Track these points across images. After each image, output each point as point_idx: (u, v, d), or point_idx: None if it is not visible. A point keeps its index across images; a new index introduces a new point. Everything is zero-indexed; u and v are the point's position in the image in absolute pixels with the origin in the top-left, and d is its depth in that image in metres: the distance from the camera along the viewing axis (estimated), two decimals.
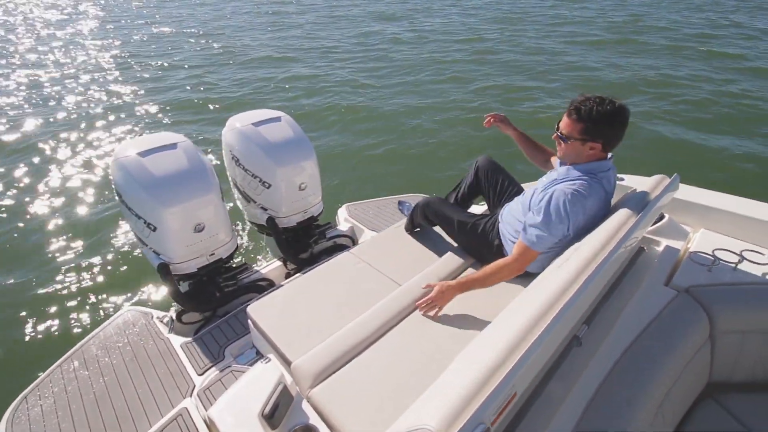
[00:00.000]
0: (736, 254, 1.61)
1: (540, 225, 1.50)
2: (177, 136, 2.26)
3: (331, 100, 6.96)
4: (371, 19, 12.67)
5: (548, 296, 1.04)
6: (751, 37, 9.91)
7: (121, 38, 11.39)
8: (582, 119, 1.45)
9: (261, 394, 1.15)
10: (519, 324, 0.94)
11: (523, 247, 1.54)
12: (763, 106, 6.31)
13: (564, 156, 1.58)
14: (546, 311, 0.98)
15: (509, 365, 0.84)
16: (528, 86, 7.39)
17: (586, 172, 1.52)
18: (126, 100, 7.16)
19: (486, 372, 0.83)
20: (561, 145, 1.56)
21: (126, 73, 8.55)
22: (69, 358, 1.92)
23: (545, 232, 1.50)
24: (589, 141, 1.47)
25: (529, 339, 0.90)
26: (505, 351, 0.87)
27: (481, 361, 0.86)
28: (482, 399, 0.77)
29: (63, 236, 3.84)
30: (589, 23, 11.41)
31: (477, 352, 0.95)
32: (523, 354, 0.85)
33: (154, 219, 2.01)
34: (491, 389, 0.78)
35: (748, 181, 4.51)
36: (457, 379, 0.84)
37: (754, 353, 1.42)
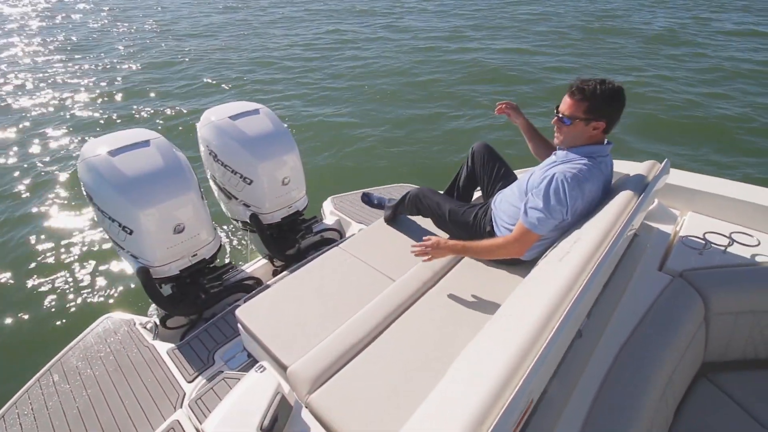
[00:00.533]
0: (726, 237, 1.62)
1: (541, 208, 1.45)
2: (149, 132, 2.14)
3: (309, 91, 6.79)
4: (351, 11, 12.34)
5: (555, 294, 1.01)
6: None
7: (81, 31, 10.82)
8: (586, 98, 1.41)
9: (258, 405, 1.09)
10: (529, 326, 0.90)
11: (524, 230, 1.49)
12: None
13: (563, 140, 1.53)
14: (555, 310, 0.95)
15: (524, 371, 0.80)
16: (516, 76, 7.36)
17: (586, 154, 1.48)
18: (90, 96, 6.82)
19: (502, 380, 0.79)
20: (562, 128, 1.51)
21: (88, 67, 8.13)
22: (47, 371, 1.82)
23: (546, 215, 1.45)
24: (593, 120, 1.44)
25: (540, 342, 0.86)
26: (518, 356, 0.83)
27: (495, 367, 0.82)
28: (501, 410, 0.74)
29: (33, 243, 3.64)
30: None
31: (487, 357, 0.91)
32: (538, 358, 0.81)
33: (130, 222, 1.90)
34: (509, 399, 0.75)
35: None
36: (473, 388, 0.80)
37: (746, 333, 1.44)
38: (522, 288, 1.28)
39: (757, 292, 1.41)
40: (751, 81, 6.59)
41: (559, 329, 0.88)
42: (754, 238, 1.62)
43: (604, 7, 11.87)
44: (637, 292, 1.42)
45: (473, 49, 8.39)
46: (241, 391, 1.17)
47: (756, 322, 1.43)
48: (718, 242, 1.60)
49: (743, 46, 8.30)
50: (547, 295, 1.01)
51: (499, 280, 1.70)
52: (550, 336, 0.87)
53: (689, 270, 1.48)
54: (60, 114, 6.13)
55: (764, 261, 1.50)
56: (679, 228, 1.76)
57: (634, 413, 1.05)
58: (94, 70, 7.89)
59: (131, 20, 11.82)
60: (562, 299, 0.99)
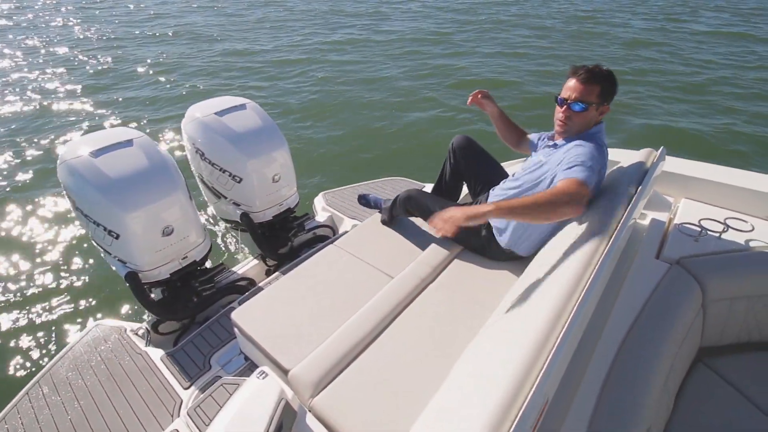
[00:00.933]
0: (721, 223, 1.64)
1: (581, 163, 1.30)
2: (131, 131, 2.06)
3: (295, 85, 6.66)
4: (337, 12, 12.12)
5: (563, 289, 1.00)
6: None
7: (56, 29, 10.39)
8: (598, 81, 1.38)
9: (261, 412, 1.06)
10: (541, 323, 0.89)
11: (578, 182, 1.23)
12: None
13: (572, 129, 1.46)
14: (564, 306, 0.94)
15: (537, 370, 0.79)
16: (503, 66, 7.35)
17: (591, 138, 1.44)
18: (68, 96, 6.55)
19: (517, 380, 0.77)
20: (571, 116, 1.44)
21: (63, 66, 7.81)
22: (36, 383, 1.75)
23: (589, 171, 1.28)
24: (602, 104, 1.42)
25: (552, 339, 0.85)
26: (531, 355, 0.82)
27: (510, 367, 0.81)
28: (518, 412, 0.72)
29: (14, 252, 3.49)
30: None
31: (498, 357, 0.89)
32: (552, 356, 0.80)
33: (116, 225, 1.83)
34: (526, 399, 0.74)
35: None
36: (488, 389, 0.79)
37: (741, 318, 1.47)
38: (523, 283, 1.26)
39: (752, 277, 1.43)
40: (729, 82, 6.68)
41: (571, 324, 0.87)
42: (748, 224, 1.64)
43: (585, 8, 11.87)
44: (636, 281, 1.42)
45: (460, 52, 8.33)
46: (243, 398, 1.13)
47: (750, 306, 1.45)
48: (714, 228, 1.61)
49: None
50: (555, 292, 1.00)
51: (496, 275, 1.69)
52: (562, 333, 0.86)
53: (686, 257, 1.50)
54: (36, 116, 5.88)
55: (759, 246, 1.52)
56: (673, 215, 1.78)
57: (640, 401, 1.06)
58: (69, 70, 7.59)
59: (106, 17, 11.42)
60: (570, 295, 0.98)
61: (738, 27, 9.38)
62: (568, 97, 1.43)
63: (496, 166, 2.00)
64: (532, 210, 1.16)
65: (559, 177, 1.29)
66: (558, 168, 1.37)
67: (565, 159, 1.37)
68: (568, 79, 1.46)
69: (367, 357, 1.37)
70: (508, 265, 1.71)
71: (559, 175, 1.30)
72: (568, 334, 0.84)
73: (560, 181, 1.27)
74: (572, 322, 0.87)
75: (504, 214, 1.16)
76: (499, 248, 1.68)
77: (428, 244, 1.90)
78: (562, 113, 1.47)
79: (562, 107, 1.47)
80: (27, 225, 3.78)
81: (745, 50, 7.85)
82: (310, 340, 1.46)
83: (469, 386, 0.88)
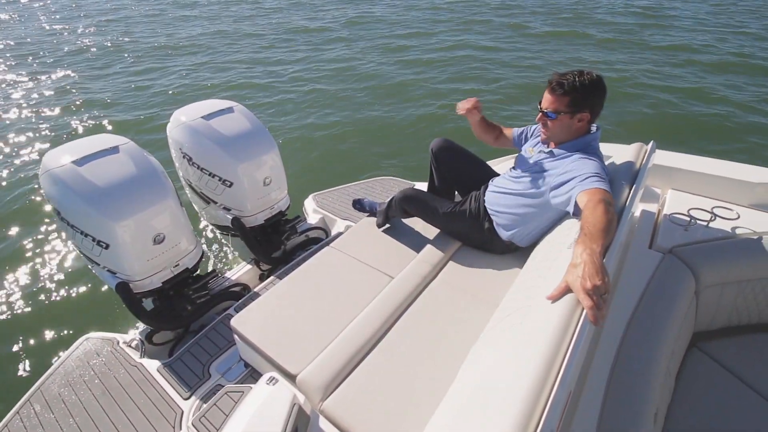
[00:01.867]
0: (708, 212, 1.70)
1: (597, 175, 1.33)
2: (116, 137, 1.99)
3: (280, 86, 6.58)
4: (320, 7, 12.00)
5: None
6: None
7: (31, 32, 9.99)
8: (567, 92, 1.43)
9: (275, 418, 1.05)
10: (557, 318, 0.90)
11: (604, 191, 1.25)
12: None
13: (551, 135, 1.54)
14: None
15: (558, 364, 0.80)
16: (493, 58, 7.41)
17: (579, 149, 1.49)
18: (46, 104, 6.29)
19: (540, 375, 0.78)
20: (547, 124, 1.52)
21: (40, 73, 7.51)
22: (27, 401, 1.68)
23: (605, 180, 1.32)
24: (577, 113, 1.46)
25: (568, 333, 0.86)
26: (551, 350, 0.83)
27: (532, 363, 0.82)
28: (544, 406, 0.73)
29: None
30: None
31: (515, 353, 0.90)
32: (572, 348, 0.81)
33: (105, 235, 1.78)
34: (551, 392, 0.75)
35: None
36: (514, 385, 0.79)
37: (731, 302, 1.53)
38: (527, 278, 1.28)
39: (741, 263, 1.49)
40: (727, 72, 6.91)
41: (586, 317, 0.89)
42: (734, 212, 1.71)
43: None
44: (632, 271, 1.46)
45: (450, 44, 8.37)
46: (254, 405, 1.12)
47: (740, 291, 1.51)
48: (702, 218, 1.67)
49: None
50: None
51: (497, 269, 1.71)
52: (579, 325, 0.87)
53: (678, 246, 1.55)
54: (13, 125, 5.65)
55: (745, 233, 1.58)
56: (662, 206, 1.83)
57: (647, 386, 1.09)
58: (45, 76, 7.32)
59: (86, 20, 11.05)
60: None
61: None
62: (543, 107, 1.51)
63: (480, 164, 2.03)
64: (612, 227, 1.11)
65: (580, 188, 1.31)
66: (565, 177, 1.41)
67: (572, 170, 1.41)
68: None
69: (374, 358, 1.37)
70: (507, 258, 1.73)
71: (578, 186, 1.32)
72: (585, 325, 0.86)
73: (586, 192, 1.27)
74: (585, 319, 0.89)
75: (604, 242, 1.05)
76: (501, 241, 1.70)
77: (425, 242, 1.91)
78: (539, 120, 1.56)
79: (539, 114, 1.54)
80: (7, 238, 3.63)
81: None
82: (315, 344, 1.45)
83: (486, 384, 0.89)
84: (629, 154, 1.61)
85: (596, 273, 0.91)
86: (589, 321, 0.87)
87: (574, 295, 0.94)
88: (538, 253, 1.43)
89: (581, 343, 0.83)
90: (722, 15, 9.51)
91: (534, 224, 1.60)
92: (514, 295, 1.25)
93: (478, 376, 0.97)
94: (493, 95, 6.02)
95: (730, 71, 6.49)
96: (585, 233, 1.06)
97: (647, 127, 5.09)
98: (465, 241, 1.85)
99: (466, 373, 1.09)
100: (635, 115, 5.33)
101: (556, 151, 1.55)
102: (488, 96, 5.96)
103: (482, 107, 1.87)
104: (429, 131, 5.05)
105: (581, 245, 1.01)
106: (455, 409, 0.90)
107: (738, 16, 9.39)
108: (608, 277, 0.92)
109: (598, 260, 0.95)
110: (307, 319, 1.57)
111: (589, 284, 0.89)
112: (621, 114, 5.36)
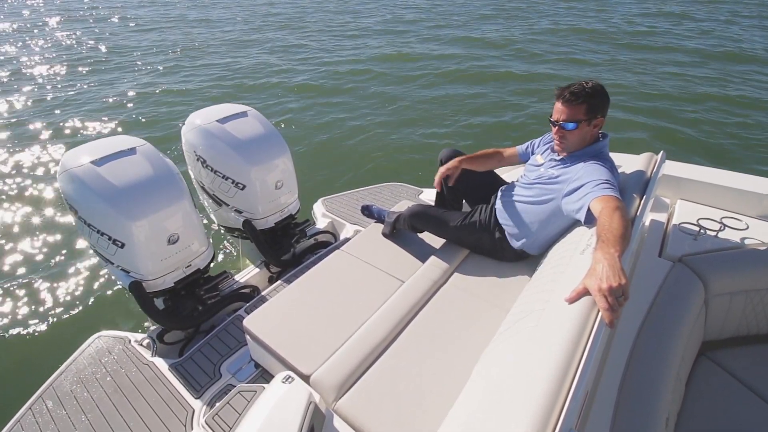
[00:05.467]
0: (717, 222, 1.72)
1: (607, 182, 1.36)
2: (134, 139, 2.03)
3: (290, 91, 6.65)
4: (328, 10, 12.15)
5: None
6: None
7: (50, 35, 10.15)
8: (584, 100, 1.46)
9: (292, 416, 1.06)
10: (571, 324, 0.91)
11: (616, 198, 1.28)
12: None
13: (568, 146, 1.55)
14: (592, 304, 0.97)
15: (575, 364, 0.82)
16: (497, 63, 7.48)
17: (592, 155, 1.51)
18: (63, 106, 6.38)
19: (558, 375, 0.80)
20: (565, 135, 1.53)
21: (56, 73, 7.63)
22: (39, 398, 1.70)
23: (616, 188, 1.35)
24: (593, 119, 1.49)
25: (583, 337, 0.88)
26: (569, 350, 0.85)
27: (549, 361, 0.83)
28: (562, 405, 0.75)
29: (9, 263, 3.38)
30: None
31: (529, 355, 0.92)
32: (588, 352, 0.83)
33: (121, 234, 1.81)
34: (568, 393, 0.76)
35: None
36: (532, 384, 0.81)
37: (739, 311, 1.54)
38: (539, 284, 1.30)
39: (750, 273, 1.51)
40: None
41: (601, 322, 0.90)
42: (743, 222, 1.72)
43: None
44: (643, 279, 1.48)
45: (458, 50, 8.47)
46: (270, 403, 1.13)
47: (749, 300, 1.52)
48: (711, 227, 1.69)
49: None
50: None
51: (507, 275, 1.73)
52: (594, 329, 0.89)
53: (687, 255, 1.57)
54: (32, 125, 5.73)
55: (754, 243, 1.60)
56: (671, 215, 1.85)
57: (658, 393, 1.10)
58: (61, 77, 7.43)
59: (99, 20, 11.21)
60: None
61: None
62: (558, 119, 1.52)
63: (489, 173, 2.04)
64: (628, 233, 1.13)
65: (592, 195, 1.33)
66: (577, 184, 1.42)
67: (584, 176, 1.42)
68: (555, 101, 1.54)
69: (386, 359, 1.39)
70: (518, 265, 1.75)
71: (591, 193, 1.34)
72: (600, 328, 0.88)
73: (600, 200, 1.28)
74: (601, 321, 0.91)
75: (621, 248, 1.06)
76: (511, 249, 1.72)
77: (434, 248, 1.93)
78: (555, 134, 1.56)
79: (555, 128, 1.55)
80: (24, 235, 3.68)
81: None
82: (327, 345, 1.46)
83: (503, 384, 0.90)
84: (639, 163, 1.64)
85: (614, 275, 0.94)
86: (604, 323, 0.88)
87: (589, 298, 0.96)
88: (550, 258, 1.45)
89: (597, 345, 0.85)
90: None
91: (545, 233, 1.61)
92: (528, 298, 1.27)
93: (493, 376, 0.99)
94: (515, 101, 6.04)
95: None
96: (603, 240, 1.08)
97: (655, 137, 5.12)
98: (475, 249, 1.87)
99: (480, 374, 1.10)
100: (644, 126, 5.37)
101: (568, 158, 1.57)
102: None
103: (456, 165, 1.86)
104: (440, 139, 5.09)
105: (600, 251, 1.04)
106: (471, 408, 0.91)
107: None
108: (626, 280, 0.94)
109: (617, 263, 0.98)
110: (319, 320, 1.59)
111: (606, 285, 0.92)
112: (630, 123, 5.40)
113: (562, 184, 1.52)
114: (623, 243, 1.06)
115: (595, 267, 0.99)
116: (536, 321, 1.05)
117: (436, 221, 1.89)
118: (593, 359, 0.83)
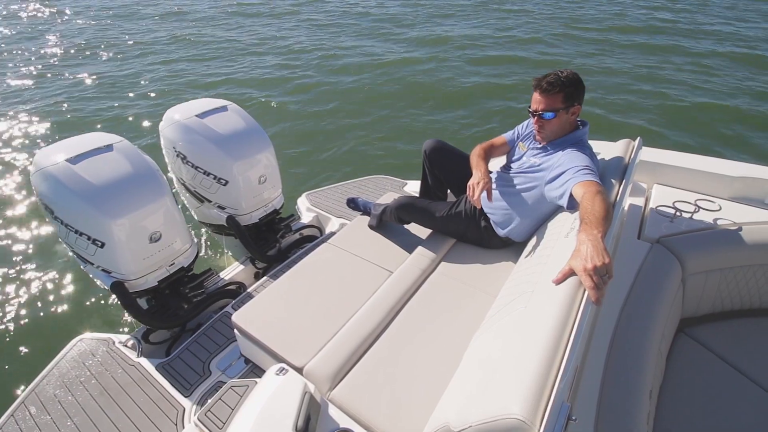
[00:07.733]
0: (692, 204, 1.79)
1: (588, 167, 1.39)
2: (110, 136, 1.98)
3: (268, 85, 6.54)
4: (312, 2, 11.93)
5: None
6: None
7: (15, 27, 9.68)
8: (561, 89, 1.49)
9: (288, 406, 1.07)
10: (559, 304, 0.94)
11: (597, 183, 1.32)
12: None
13: (548, 135, 1.58)
14: (578, 285, 1.00)
15: (565, 340, 0.85)
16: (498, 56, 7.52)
17: (572, 143, 1.55)
18: (32, 103, 6.10)
19: (549, 352, 0.83)
20: (544, 124, 1.56)
21: (25, 70, 7.28)
22: (21, 404, 1.64)
23: (596, 174, 1.38)
24: (570, 107, 1.52)
25: (571, 316, 0.91)
26: (559, 327, 0.88)
27: (540, 339, 0.86)
28: (555, 378, 0.77)
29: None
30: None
31: (524, 337, 0.94)
32: (575, 330, 0.86)
33: (101, 234, 1.76)
34: (559, 368, 0.79)
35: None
36: (525, 361, 0.83)
37: (714, 289, 1.61)
38: (526, 268, 1.33)
39: (723, 252, 1.58)
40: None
41: (587, 301, 0.93)
42: (716, 204, 1.80)
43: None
44: (623, 260, 1.53)
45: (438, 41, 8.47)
46: (265, 395, 1.13)
47: (723, 278, 1.60)
48: (686, 210, 1.76)
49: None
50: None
51: (494, 262, 1.76)
52: (581, 309, 0.92)
53: (665, 237, 1.62)
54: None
55: (726, 224, 1.67)
56: (648, 199, 1.91)
57: (642, 368, 1.15)
58: (30, 74, 7.11)
59: (72, 13, 10.75)
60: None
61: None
62: (536, 109, 1.55)
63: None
64: (610, 215, 1.16)
65: (574, 181, 1.37)
66: (558, 171, 1.46)
67: (565, 163, 1.46)
68: (533, 91, 1.56)
69: (378, 348, 1.40)
70: (503, 252, 1.78)
71: (572, 179, 1.38)
72: (587, 306, 0.91)
73: (581, 185, 1.32)
74: (587, 299, 0.94)
75: (604, 229, 1.10)
76: (497, 237, 1.75)
77: (421, 238, 1.95)
78: (535, 123, 1.59)
79: (534, 118, 1.58)
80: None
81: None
82: (318, 337, 1.47)
83: (495, 364, 0.92)
84: (617, 150, 1.68)
85: (598, 255, 0.98)
86: (591, 301, 0.92)
87: (576, 279, 0.99)
88: (536, 243, 1.49)
89: (585, 322, 0.88)
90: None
91: (529, 219, 1.64)
92: (516, 282, 1.30)
93: (486, 357, 1.01)
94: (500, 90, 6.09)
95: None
96: (586, 222, 1.12)
97: (633, 122, 5.25)
98: (461, 238, 1.89)
99: (473, 356, 1.13)
100: (623, 111, 5.49)
101: (549, 146, 1.60)
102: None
103: (485, 171, 1.74)
104: (421, 130, 5.10)
105: (584, 232, 1.07)
106: (466, 389, 0.93)
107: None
108: (610, 258, 0.98)
109: (601, 244, 1.02)
110: (309, 313, 1.59)
111: (591, 264, 0.96)
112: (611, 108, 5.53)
113: (544, 172, 1.55)
114: (605, 224, 1.10)
115: (580, 248, 1.03)
116: (526, 302, 1.08)
117: (423, 212, 1.91)
118: (581, 336, 0.85)
